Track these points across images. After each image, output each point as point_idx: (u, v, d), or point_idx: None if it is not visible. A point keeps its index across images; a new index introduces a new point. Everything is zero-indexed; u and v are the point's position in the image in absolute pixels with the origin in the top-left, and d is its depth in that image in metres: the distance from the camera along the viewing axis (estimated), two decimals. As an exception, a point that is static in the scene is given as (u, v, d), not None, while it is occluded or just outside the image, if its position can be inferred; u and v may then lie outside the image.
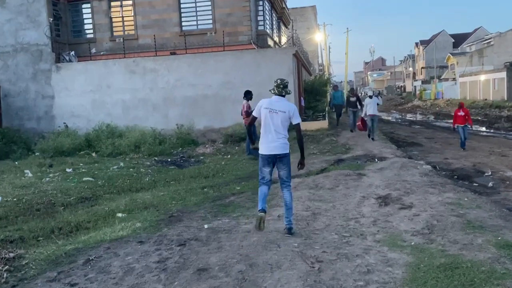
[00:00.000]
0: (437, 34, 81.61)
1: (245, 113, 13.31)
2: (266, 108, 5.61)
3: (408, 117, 40.71)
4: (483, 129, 26.19)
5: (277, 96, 5.72)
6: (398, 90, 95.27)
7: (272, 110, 5.58)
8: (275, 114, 5.56)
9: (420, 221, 6.22)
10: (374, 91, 27.30)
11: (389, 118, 37.82)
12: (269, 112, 5.58)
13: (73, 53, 20.49)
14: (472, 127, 19.45)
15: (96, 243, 5.77)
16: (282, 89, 5.71)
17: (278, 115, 5.56)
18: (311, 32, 49.70)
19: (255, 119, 5.99)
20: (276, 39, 26.52)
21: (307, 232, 5.89)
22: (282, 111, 5.58)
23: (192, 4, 20.71)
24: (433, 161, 13.32)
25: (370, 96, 16.51)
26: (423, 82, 71.67)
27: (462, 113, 15.31)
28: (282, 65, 18.36)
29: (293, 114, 5.63)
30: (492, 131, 24.51)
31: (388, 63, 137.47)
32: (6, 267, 5.03)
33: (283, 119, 5.58)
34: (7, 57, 19.69)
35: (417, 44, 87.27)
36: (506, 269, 4.45)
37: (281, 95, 5.73)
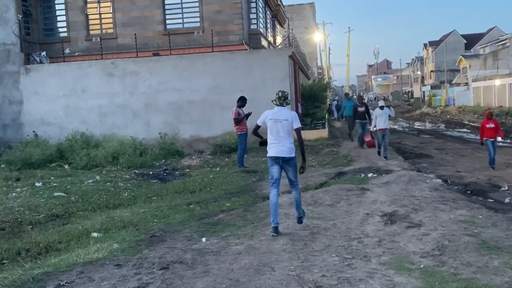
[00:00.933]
0: (447, 35, 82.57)
1: (234, 120, 13.36)
2: (271, 119, 6.92)
3: (416, 125, 40.94)
4: (499, 139, 26.31)
5: (279, 107, 7.04)
6: (405, 96, 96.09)
7: (276, 120, 6.88)
8: (280, 123, 6.86)
9: (430, 241, 6.23)
10: (386, 100, 26.56)
11: (395, 127, 37.99)
12: (274, 122, 6.89)
13: (44, 53, 20.45)
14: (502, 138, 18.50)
15: (68, 266, 5.71)
16: (283, 100, 7.08)
17: (282, 123, 6.86)
18: (309, 32, 50.15)
19: (258, 127, 7.18)
20: (271, 39, 26.70)
21: (304, 254, 5.88)
22: (285, 119, 6.88)
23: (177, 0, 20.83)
24: (444, 174, 13.38)
25: (381, 107, 15.20)
26: (433, 87, 72.35)
27: (492, 125, 14.28)
28: (277, 68, 18.46)
29: (294, 120, 6.94)
30: (508, 141, 24.68)
31: (394, 66, 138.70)
32: (-34, 294, 4.96)
33: (287, 126, 6.88)
34: (-31, 57, 19.62)
35: (425, 45, 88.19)
36: (525, 294, 4.47)
37: (282, 106, 7.06)
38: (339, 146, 18.04)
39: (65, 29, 21.58)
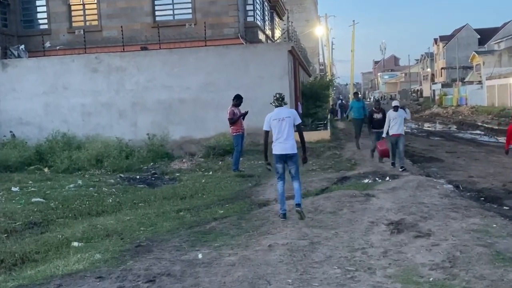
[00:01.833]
0: (459, 29, 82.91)
1: (229, 121, 13.28)
2: (275, 119, 8.11)
3: (425, 127, 41.10)
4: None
5: (278, 108, 8.24)
6: (413, 94, 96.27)
7: (280, 119, 8.09)
8: (283, 121, 8.08)
9: (440, 252, 6.23)
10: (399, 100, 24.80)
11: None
12: (278, 121, 8.09)
13: (22, 47, 20.45)
14: None
15: (45, 279, 5.67)
16: (281, 101, 8.29)
17: (285, 121, 8.08)
18: (310, 25, 50.22)
19: (268, 133, 8.22)
20: (269, 32, 26.74)
21: (303, 266, 5.86)
22: (287, 116, 8.13)
23: (167, -11, 20.88)
24: (456, 179, 13.40)
25: (395, 107, 13.66)
26: (444, 85, 72.52)
27: None
28: (275, 64, 18.48)
29: (295, 117, 8.23)
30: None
31: (402, 62, 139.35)
32: None
33: (289, 123, 8.11)
34: None
35: (436, 40, 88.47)
36: (543, 310, 4.45)
37: (281, 106, 8.26)
38: (342, 149, 18.03)
39: (45, 20, 21.60)
